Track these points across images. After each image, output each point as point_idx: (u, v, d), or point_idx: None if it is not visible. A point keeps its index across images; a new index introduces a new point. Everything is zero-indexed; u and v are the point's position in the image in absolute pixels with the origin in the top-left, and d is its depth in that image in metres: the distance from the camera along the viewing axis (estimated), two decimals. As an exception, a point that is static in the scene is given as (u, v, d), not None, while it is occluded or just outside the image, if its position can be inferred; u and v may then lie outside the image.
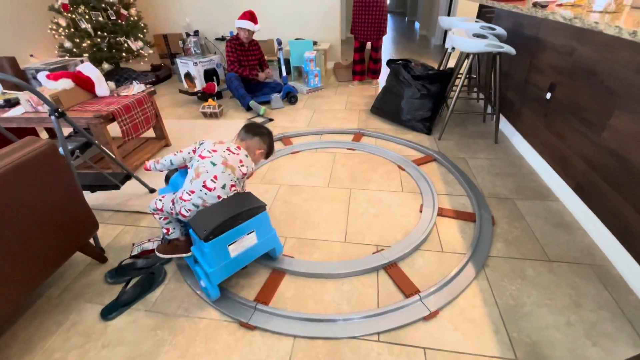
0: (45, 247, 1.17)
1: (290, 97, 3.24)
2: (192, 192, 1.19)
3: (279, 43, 3.29)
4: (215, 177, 1.20)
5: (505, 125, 2.44)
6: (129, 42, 3.90)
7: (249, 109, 3.05)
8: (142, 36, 4.12)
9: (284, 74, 3.40)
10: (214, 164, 1.22)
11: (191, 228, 1.16)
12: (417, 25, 7.99)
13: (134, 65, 4.70)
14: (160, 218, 1.33)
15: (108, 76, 3.97)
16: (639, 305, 1.18)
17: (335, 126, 2.71)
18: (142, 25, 4.11)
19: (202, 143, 1.32)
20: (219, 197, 1.20)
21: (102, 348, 1.11)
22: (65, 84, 1.92)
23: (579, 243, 1.45)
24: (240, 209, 1.15)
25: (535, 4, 1.72)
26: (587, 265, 1.34)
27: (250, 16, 3.02)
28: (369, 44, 3.59)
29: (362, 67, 3.73)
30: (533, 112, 2.04)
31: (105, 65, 3.93)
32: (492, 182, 1.88)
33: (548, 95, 1.85)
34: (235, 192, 1.26)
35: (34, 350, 1.12)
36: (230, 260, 1.19)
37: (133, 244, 1.53)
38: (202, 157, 1.25)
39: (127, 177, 1.76)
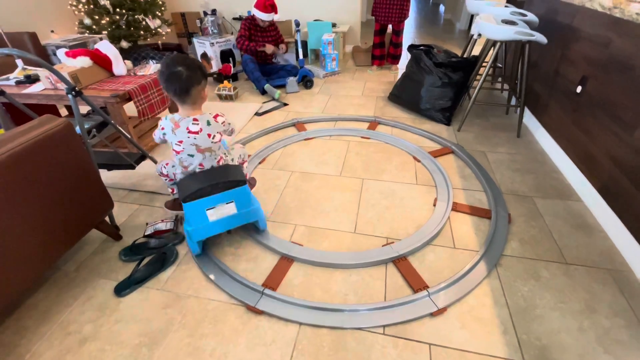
0: (62, 224, 1.20)
1: (307, 82, 3.18)
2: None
3: (297, 25, 3.20)
4: (201, 165, 1.35)
5: (529, 119, 2.34)
6: (147, 20, 3.89)
7: (264, 92, 3.01)
8: (159, 14, 4.09)
9: (301, 56, 3.33)
10: (192, 156, 1.31)
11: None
12: (441, 8, 7.64)
13: (152, 43, 4.70)
14: (166, 180, 1.50)
15: (126, 54, 4.00)
16: (659, 314, 1.13)
17: (351, 113, 2.65)
18: (160, 2, 4.07)
19: (164, 133, 1.31)
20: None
21: (115, 323, 1.16)
22: (84, 61, 1.93)
23: (598, 246, 1.39)
24: (220, 180, 1.27)
25: (572, -11, 1.60)
26: (606, 270, 1.29)
27: (270, 8, 2.93)
28: (389, 27, 3.45)
29: (382, 51, 3.61)
30: (561, 106, 1.94)
31: (124, 43, 3.95)
32: (512, 178, 1.82)
33: (579, 89, 1.74)
34: (226, 164, 1.41)
35: (51, 320, 1.17)
36: (209, 223, 1.31)
37: (147, 224, 1.56)
38: (177, 152, 1.31)
39: (142, 157, 1.78)
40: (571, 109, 1.82)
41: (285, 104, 2.86)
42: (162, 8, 4.12)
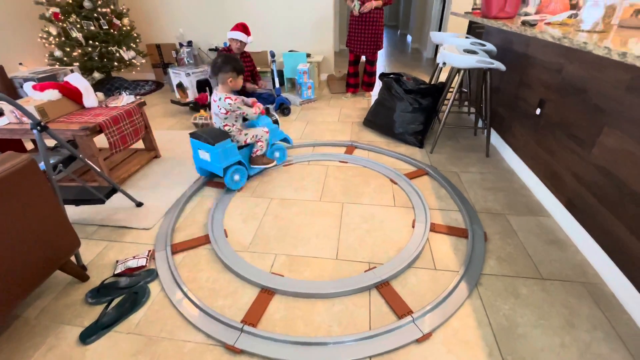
0: (23, 266, 1.11)
1: (284, 109, 3.24)
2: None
3: (272, 55, 3.29)
4: (214, 124, 2.04)
5: (496, 139, 2.46)
6: (121, 51, 3.88)
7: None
8: (134, 46, 4.11)
9: (277, 85, 3.40)
10: (213, 117, 2.04)
11: None
12: (409, 38, 8.13)
13: (126, 74, 4.67)
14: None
15: (98, 85, 3.94)
16: (632, 324, 1.16)
17: (328, 138, 2.70)
18: (135, 35, 4.10)
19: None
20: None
21: (79, 375, 1.05)
22: (52, 94, 1.88)
23: (571, 260, 1.44)
24: (206, 136, 1.85)
25: (524, 23, 1.75)
26: (580, 284, 1.33)
27: (242, 28, 3.03)
28: (363, 57, 3.62)
29: (356, 80, 3.76)
30: (523, 127, 2.06)
31: (96, 75, 3.90)
32: (484, 196, 1.88)
33: (538, 111, 1.87)
34: (219, 128, 1.97)
35: (5, 378, 1.05)
36: (199, 158, 1.97)
37: (117, 261, 1.48)
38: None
39: (113, 190, 1.71)
40: (533, 130, 1.94)
41: (263, 131, 2.87)
42: (137, 40, 4.14)
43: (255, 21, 4.13)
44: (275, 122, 2.26)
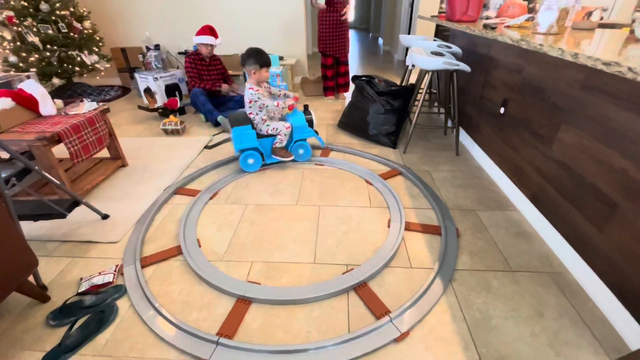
0: (-30, 292, 1.02)
1: (257, 113, 3.19)
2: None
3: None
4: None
5: (465, 138, 2.55)
6: (83, 55, 3.69)
7: (217, 124, 2.96)
8: (97, 50, 3.92)
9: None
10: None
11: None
12: (380, 41, 8.30)
13: (89, 80, 4.45)
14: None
15: (59, 92, 3.72)
16: (596, 310, 1.23)
17: (302, 141, 2.68)
18: (98, 38, 3.92)
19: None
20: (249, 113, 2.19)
21: (40, 405, 0.98)
22: (4, 103, 1.75)
23: (537, 252, 1.51)
24: (232, 119, 2.19)
25: (485, 26, 1.83)
26: (547, 274, 1.39)
27: (210, 31, 2.97)
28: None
29: (334, 82, 3.79)
30: (489, 126, 2.15)
31: (56, 81, 3.68)
32: (455, 193, 1.94)
33: (502, 110, 1.95)
34: (244, 113, 2.21)
35: (-47, 415, 0.96)
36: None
37: (81, 279, 1.39)
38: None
39: (75, 203, 1.61)
40: (498, 128, 2.02)
41: (237, 136, 2.82)
42: (100, 44, 3.96)
43: (224, 23, 4.07)
44: (310, 121, 2.27)
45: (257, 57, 2.04)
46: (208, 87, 3.07)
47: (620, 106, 1.16)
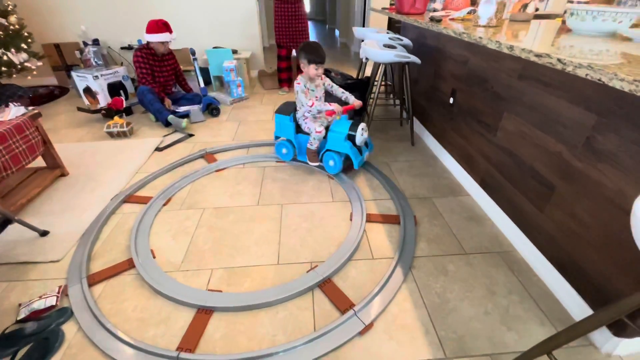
0: None
1: (212, 109, 3.06)
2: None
3: (192, 53, 3.09)
4: None
5: (419, 128, 2.64)
6: (9, 54, 3.29)
7: (167, 124, 2.79)
8: (26, 47, 3.51)
9: (202, 85, 3.20)
10: None
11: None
12: (337, 33, 8.30)
13: (20, 80, 3.99)
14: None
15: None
16: (542, 285, 1.34)
17: (263, 138, 2.62)
18: (26, 34, 3.51)
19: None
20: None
21: None
22: None
23: (488, 233, 1.61)
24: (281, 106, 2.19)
25: (431, 19, 1.88)
26: (496, 254, 1.49)
27: (165, 27, 2.77)
28: (294, 52, 3.62)
29: (289, 74, 3.74)
30: (441, 116, 2.23)
31: (-22, 83, 3.26)
32: (412, 183, 2.00)
33: (451, 100, 2.03)
34: (293, 102, 2.16)
35: None
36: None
37: (19, 305, 1.25)
38: None
39: (7, 221, 1.44)
40: (449, 118, 2.11)
41: (191, 135, 2.69)
42: (29, 40, 3.55)
43: (172, 16, 3.82)
44: (351, 137, 1.97)
45: (307, 52, 1.93)
46: (159, 91, 2.87)
47: (553, 94, 1.25)
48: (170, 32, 2.81)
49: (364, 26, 5.21)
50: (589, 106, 1.10)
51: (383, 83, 3.27)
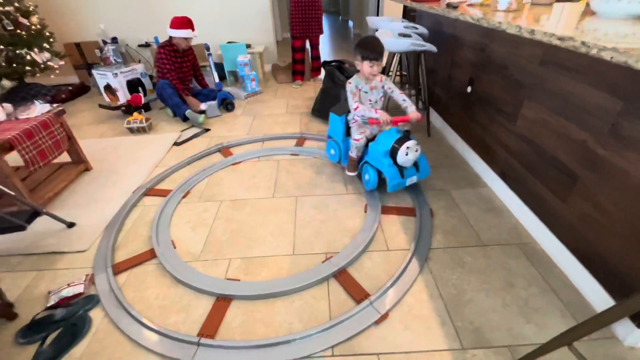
0: None
1: (227, 104, 3.10)
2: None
3: (207, 49, 3.12)
4: None
5: (435, 119, 2.59)
6: (32, 53, 3.43)
7: (185, 119, 2.84)
8: (48, 46, 3.64)
9: (217, 80, 3.24)
10: None
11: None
12: (350, 24, 8.19)
13: (43, 79, 4.15)
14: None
15: (12, 94, 3.46)
16: (562, 276, 1.30)
17: (277, 132, 2.64)
18: (48, 34, 3.63)
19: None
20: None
21: None
22: (-58, 111, 1.61)
23: (507, 225, 1.57)
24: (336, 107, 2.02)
25: (448, 5, 1.83)
26: (516, 245, 1.45)
27: (188, 24, 2.81)
28: (307, 44, 3.61)
29: (303, 66, 3.73)
30: (458, 105, 2.18)
31: (6, 82, 3.41)
32: (429, 174, 1.97)
33: (469, 89, 1.98)
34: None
35: None
36: None
37: (49, 292, 1.32)
38: None
39: (35, 214, 1.52)
40: (466, 107, 2.06)
41: (207, 130, 2.73)
42: (51, 40, 3.68)
43: (187, 12, 3.86)
44: (392, 152, 1.66)
45: (360, 47, 1.68)
46: (180, 88, 2.91)
47: (576, 79, 1.20)
48: (193, 29, 2.85)
49: (378, 15, 5.11)
50: (614, 91, 1.05)
51: (398, 73, 3.21)
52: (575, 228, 1.25)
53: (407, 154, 1.63)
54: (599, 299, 1.15)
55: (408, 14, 3.80)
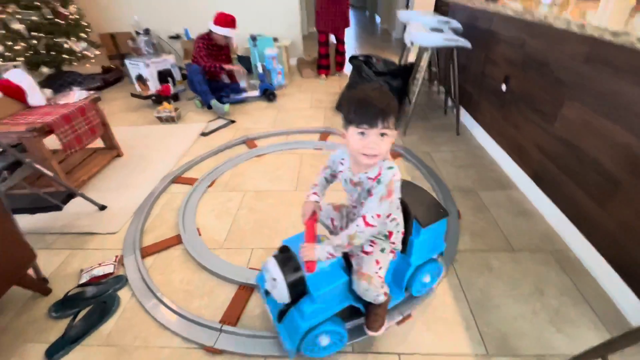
0: (-31, 287, 1.01)
1: (269, 94, 3.14)
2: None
3: (253, 39, 3.17)
4: None
5: (465, 117, 2.50)
6: (70, 42, 3.58)
7: (209, 107, 2.90)
8: (85, 36, 3.79)
9: (260, 71, 3.29)
10: None
11: None
12: (377, 19, 8.05)
13: (80, 68, 4.33)
14: None
15: (49, 81, 3.63)
16: (597, 287, 1.23)
17: (301, 125, 2.64)
18: (85, 24, 3.78)
19: None
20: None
21: (48, 395, 0.99)
22: (-10, 94, 1.70)
23: (538, 230, 1.50)
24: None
25: (486, -2, 1.75)
26: (548, 252, 1.39)
27: (231, 22, 2.85)
28: (332, 38, 3.58)
29: (328, 61, 3.71)
30: (490, 104, 2.10)
31: (45, 70, 3.59)
32: (456, 174, 1.91)
33: (503, 87, 1.90)
34: None
35: (-37, 407, 0.97)
36: None
37: (81, 270, 1.39)
38: None
39: (71, 195, 1.59)
40: (499, 106, 1.98)
41: (233, 121, 2.77)
42: (87, 29, 3.83)
43: (215, 5, 3.91)
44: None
45: (344, 104, 0.86)
46: (218, 66, 2.93)
47: (626, 79, 1.11)
48: (235, 27, 2.89)
49: (408, 9, 4.99)
50: (673, 91, 0.97)
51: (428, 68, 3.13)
52: (614, 236, 1.18)
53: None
54: (636, 312, 1.08)
55: (440, 8, 3.68)
